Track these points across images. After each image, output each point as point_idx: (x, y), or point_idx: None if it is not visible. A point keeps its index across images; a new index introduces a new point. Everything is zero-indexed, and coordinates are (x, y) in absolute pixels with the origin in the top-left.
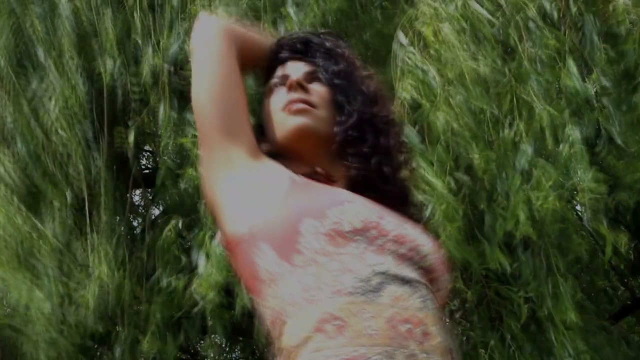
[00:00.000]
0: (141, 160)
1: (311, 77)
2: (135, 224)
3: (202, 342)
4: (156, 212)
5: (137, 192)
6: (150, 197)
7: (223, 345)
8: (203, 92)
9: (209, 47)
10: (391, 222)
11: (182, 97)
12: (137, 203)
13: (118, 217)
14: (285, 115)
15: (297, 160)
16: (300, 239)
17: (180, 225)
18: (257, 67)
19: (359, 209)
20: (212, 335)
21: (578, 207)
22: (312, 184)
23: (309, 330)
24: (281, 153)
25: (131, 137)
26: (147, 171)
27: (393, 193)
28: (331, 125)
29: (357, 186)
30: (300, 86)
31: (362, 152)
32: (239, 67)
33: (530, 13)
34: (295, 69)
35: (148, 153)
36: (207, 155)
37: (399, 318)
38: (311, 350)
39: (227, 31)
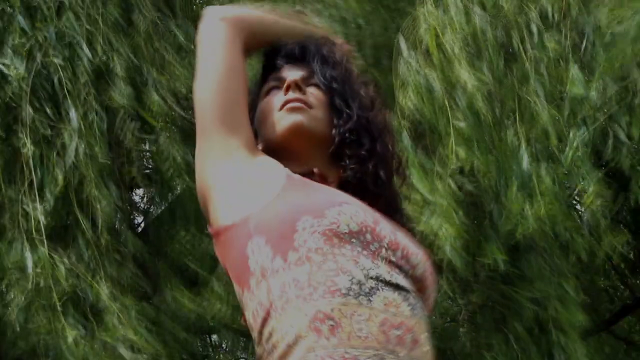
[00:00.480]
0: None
1: (308, 81)
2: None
3: (201, 342)
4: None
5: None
6: (152, 196)
7: (223, 346)
8: (206, 87)
9: (212, 41)
10: (385, 229)
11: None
12: (137, 203)
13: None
14: (281, 114)
15: (293, 160)
16: (296, 236)
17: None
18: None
19: (356, 212)
20: (212, 336)
21: (578, 206)
22: (310, 182)
23: (302, 328)
24: (276, 152)
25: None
26: (147, 171)
27: (386, 199)
28: (327, 127)
29: (351, 189)
30: (297, 87)
31: (359, 154)
32: (253, 48)
33: (532, 15)
34: (292, 73)
35: (149, 153)
36: (204, 144)
37: (390, 324)
38: (305, 349)
39: (232, 22)
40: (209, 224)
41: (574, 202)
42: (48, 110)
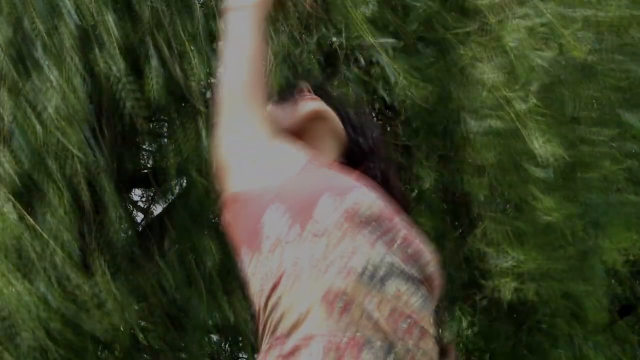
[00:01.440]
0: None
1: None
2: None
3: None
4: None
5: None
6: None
7: (223, 346)
8: (234, 69)
9: (239, 28)
10: (402, 222)
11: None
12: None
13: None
14: (300, 104)
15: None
16: (317, 209)
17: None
18: None
19: (377, 199)
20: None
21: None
22: (330, 167)
23: (314, 303)
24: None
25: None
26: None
27: (397, 200)
28: (342, 131)
29: None
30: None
31: (380, 155)
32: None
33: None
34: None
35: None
36: (227, 114)
37: (400, 312)
38: (315, 324)
39: (253, 6)
40: (223, 189)
41: None
42: (33, 76)
